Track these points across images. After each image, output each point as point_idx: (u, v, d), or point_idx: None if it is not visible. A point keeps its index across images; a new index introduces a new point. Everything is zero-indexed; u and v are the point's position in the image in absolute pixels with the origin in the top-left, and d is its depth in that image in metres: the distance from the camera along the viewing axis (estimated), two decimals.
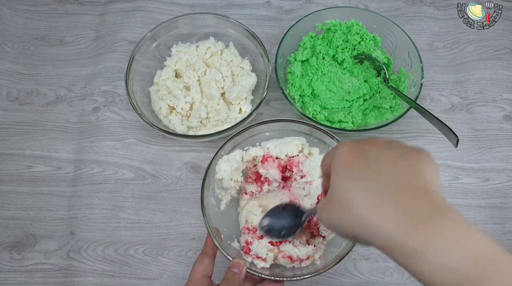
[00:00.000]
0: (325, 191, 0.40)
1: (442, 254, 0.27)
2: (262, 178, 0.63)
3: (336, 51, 0.80)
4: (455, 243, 0.27)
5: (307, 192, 0.62)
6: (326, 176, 0.37)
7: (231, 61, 0.78)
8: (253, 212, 0.62)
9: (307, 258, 0.59)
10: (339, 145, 0.36)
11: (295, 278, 0.55)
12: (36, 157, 0.75)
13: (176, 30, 0.79)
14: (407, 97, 0.69)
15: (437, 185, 0.31)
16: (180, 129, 0.71)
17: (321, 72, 0.78)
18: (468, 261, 0.26)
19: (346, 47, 0.80)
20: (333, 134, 0.63)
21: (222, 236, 0.59)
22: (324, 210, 0.36)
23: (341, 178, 0.33)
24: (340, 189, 0.33)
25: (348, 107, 0.77)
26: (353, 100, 0.76)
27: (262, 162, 0.62)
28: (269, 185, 0.63)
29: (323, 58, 0.79)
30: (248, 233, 0.60)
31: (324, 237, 0.60)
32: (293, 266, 0.58)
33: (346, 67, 0.79)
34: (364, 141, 0.35)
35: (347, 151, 0.34)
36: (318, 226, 0.60)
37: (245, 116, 0.71)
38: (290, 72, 0.77)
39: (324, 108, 0.76)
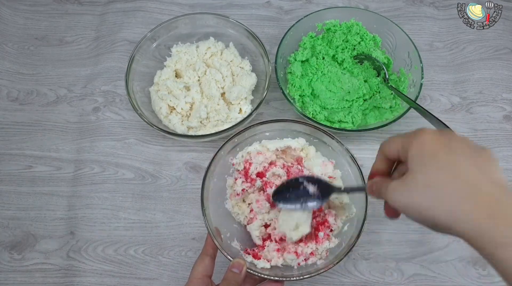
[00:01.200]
0: (373, 174, 0.44)
1: None
2: (250, 174, 0.62)
3: (336, 51, 0.80)
4: None
5: None
6: (386, 159, 0.42)
7: (231, 61, 0.78)
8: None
9: (312, 253, 0.59)
10: (420, 132, 0.38)
11: (295, 278, 0.55)
12: (36, 157, 0.75)
13: (176, 30, 0.79)
14: (407, 97, 0.69)
15: (505, 181, 0.35)
16: (180, 129, 0.71)
17: (321, 72, 0.79)
18: None
19: (346, 47, 0.80)
20: (333, 134, 0.63)
21: (222, 236, 0.59)
22: (402, 192, 0.37)
23: (428, 165, 0.35)
24: (427, 176, 0.35)
25: (348, 107, 0.77)
26: (353, 100, 0.77)
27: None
28: (261, 178, 0.62)
29: (323, 58, 0.79)
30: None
31: (331, 230, 0.60)
32: (298, 264, 0.58)
33: (346, 67, 0.79)
34: (445, 132, 0.38)
35: (432, 139, 0.37)
36: (327, 220, 0.60)
37: (245, 116, 0.71)
38: (290, 72, 0.77)
39: (324, 108, 0.76)
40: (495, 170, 0.35)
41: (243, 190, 0.62)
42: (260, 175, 0.63)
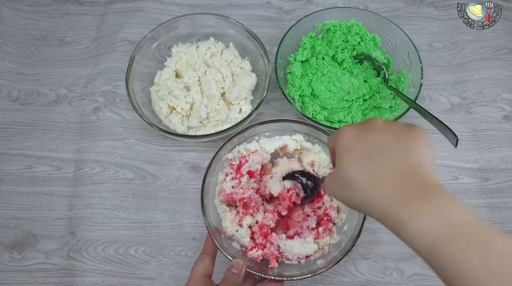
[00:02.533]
0: (333, 162, 0.45)
1: (421, 222, 0.32)
2: (242, 170, 0.62)
3: (336, 52, 0.80)
4: (433, 214, 0.32)
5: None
6: (333, 153, 0.44)
7: (231, 61, 0.78)
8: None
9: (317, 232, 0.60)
10: (342, 129, 0.41)
11: (295, 278, 0.55)
12: (37, 157, 0.75)
13: (176, 31, 0.79)
14: (407, 97, 0.69)
15: (428, 163, 0.36)
16: (180, 129, 0.71)
17: (321, 72, 0.79)
18: (442, 227, 0.32)
19: (346, 48, 0.80)
20: None
21: (222, 236, 0.59)
22: (330, 184, 0.42)
23: (345, 161, 0.39)
24: (344, 170, 0.38)
25: (348, 107, 0.77)
26: (352, 100, 0.77)
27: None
28: (249, 178, 0.62)
29: (323, 58, 0.80)
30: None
31: (334, 224, 0.61)
32: (299, 262, 0.59)
33: (346, 67, 0.79)
34: (364, 124, 0.40)
35: (349, 135, 0.40)
36: (328, 214, 0.61)
37: (245, 116, 0.71)
38: (290, 72, 0.78)
39: (324, 108, 0.76)
40: (412, 153, 0.36)
41: (230, 194, 0.60)
42: (250, 173, 0.63)
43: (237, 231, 0.59)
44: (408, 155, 0.36)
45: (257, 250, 0.58)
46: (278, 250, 0.58)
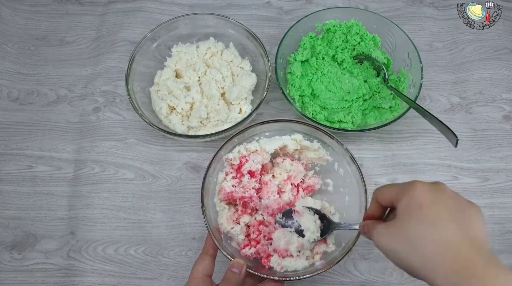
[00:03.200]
0: (369, 217, 0.47)
1: None
2: (242, 170, 0.61)
3: (335, 51, 0.80)
4: None
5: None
6: (379, 205, 0.45)
7: (231, 61, 0.78)
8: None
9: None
10: (413, 184, 0.41)
11: (295, 278, 0.55)
12: (37, 157, 0.75)
13: (176, 31, 0.79)
14: (407, 97, 0.69)
15: (484, 237, 0.38)
16: (180, 129, 0.71)
17: (321, 72, 0.79)
18: None
19: (346, 47, 0.80)
20: (332, 134, 0.63)
21: (222, 235, 0.59)
22: (385, 236, 0.41)
23: (412, 217, 0.39)
24: (410, 225, 0.39)
25: (348, 107, 0.77)
26: (352, 100, 0.77)
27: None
28: (250, 178, 0.62)
29: (323, 58, 0.80)
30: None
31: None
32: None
33: (346, 67, 0.79)
34: (434, 185, 0.41)
35: (422, 192, 0.40)
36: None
37: (245, 116, 0.71)
38: (290, 72, 0.78)
39: (324, 108, 0.76)
40: (475, 227, 0.38)
41: (231, 192, 0.60)
42: (251, 173, 0.62)
43: (232, 228, 0.59)
44: (472, 227, 0.38)
45: (249, 248, 0.58)
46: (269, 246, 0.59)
